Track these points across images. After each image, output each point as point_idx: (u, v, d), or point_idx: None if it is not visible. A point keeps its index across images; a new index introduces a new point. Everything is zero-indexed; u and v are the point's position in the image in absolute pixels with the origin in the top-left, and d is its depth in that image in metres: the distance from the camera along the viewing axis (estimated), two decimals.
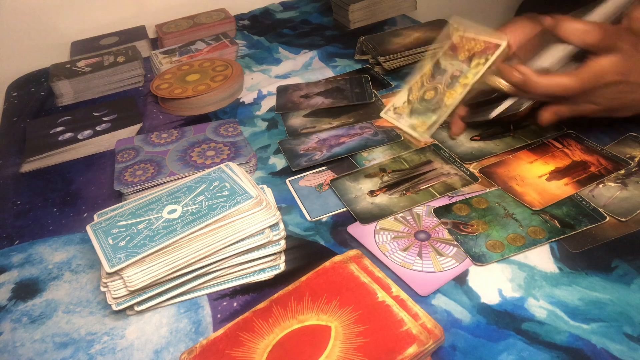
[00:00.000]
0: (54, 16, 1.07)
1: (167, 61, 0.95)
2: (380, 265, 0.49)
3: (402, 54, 0.83)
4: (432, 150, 0.64)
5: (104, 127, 0.78)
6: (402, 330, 0.40)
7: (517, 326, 0.42)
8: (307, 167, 0.64)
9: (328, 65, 0.91)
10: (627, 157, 0.58)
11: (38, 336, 0.47)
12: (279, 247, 0.50)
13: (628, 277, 0.45)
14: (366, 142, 0.67)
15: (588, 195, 0.54)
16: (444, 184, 0.58)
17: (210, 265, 0.47)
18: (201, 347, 0.42)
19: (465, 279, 0.47)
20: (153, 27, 1.13)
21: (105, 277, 0.45)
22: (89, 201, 0.64)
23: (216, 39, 1.03)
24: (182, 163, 0.64)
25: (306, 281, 0.46)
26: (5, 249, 0.58)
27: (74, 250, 0.57)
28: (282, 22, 1.13)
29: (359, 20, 1.06)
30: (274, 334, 0.42)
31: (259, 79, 0.89)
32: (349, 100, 0.77)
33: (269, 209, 0.48)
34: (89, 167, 0.72)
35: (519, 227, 0.51)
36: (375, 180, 0.60)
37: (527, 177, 0.57)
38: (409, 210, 0.55)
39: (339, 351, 0.39)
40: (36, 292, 0.52)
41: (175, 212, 0.49)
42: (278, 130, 0.74)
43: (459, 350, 0.41)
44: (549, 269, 0.47)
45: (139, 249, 0.45)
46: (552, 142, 0.62)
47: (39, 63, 1.06)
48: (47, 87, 0.95)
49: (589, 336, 0.41)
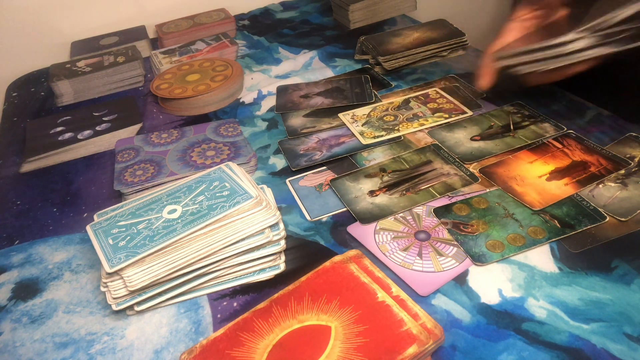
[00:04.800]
0: (54, 16, 1.07)
1: (167, 61, 0.95)
2: (380, 265, 0.49)
3: (402, 54, 0.83)
4: (432, 151, 0.64)
5: (104, 127, 0.78)
6: (402, 330, 0.40)
7: (517, 326, 0.42)
8: (307, 167, 0.64)
9: (328, 65, 0.91)
10: (627, 157, 0.58)
11: (38, 336, 0.47)
12: (279, 247, 0.50)
13: (628, 277, 0.45)
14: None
15: (588, 195, 0.54)
16: (444, 184, 0.58)
17: (210, 265, 0.47)
18: (201, 347, 0.42)
19: (465, 279, 0.47)
20: (153, 27, 1.13)
21: (105, 277, 0.45)
22: (89, 201, 0.64)
23: (216, 39, 1.03)
24: (182, 163, 0.64)
25: (306, 281, 0.46)
26: (5, 249, 0.58)
27: (74, 250, 0.57)
28: (282, 22, 1.13)
29: (359, 20, 1.06)
30: (274, 334, 0.42)
31: (259, 79, 0.89)
32: (349, 100, 0.77)
33: (269, 209, 0.48)
34: (89, 167, 0.72)
35: (519, 227, 0.51)
36: (375, 180, 0.60)
37: (527, 177, 0.57)
38: (409, 210, 0.55)
39: (339, 351, 0.39)
40: (36, 292, 0.52)
41: (175, 212, 0.49)
42: (278, 130, 0.74)
43: (459, 350, 0.41)
44: (549, 269, 0.47)
45: (139, 249, 0.45)
46: (552, 142, 0.62)
47: (39, 63, 1.06)
48: (47, 87, 0.95)
49: (589, 336, 0.41)
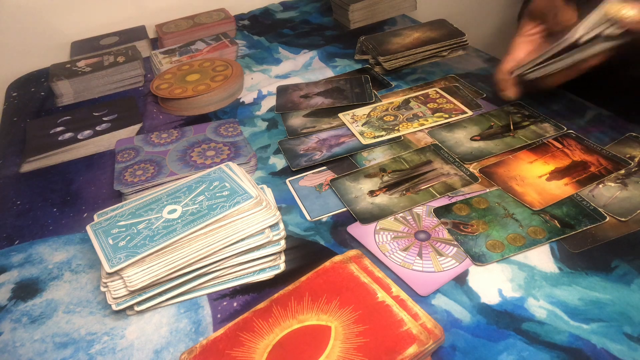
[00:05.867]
0: (54, 16, 1.07)
1: (167, 61, 0.95)
2: (380, 265, 0.49)
3: (402, 54, 0.83)
4: (432, 151, 0.64)
5: (104, 127, 0.78)
6: (402, 330, 0.40)
7: (517, 326, 0.42)
8: (307, 167, 0.64)
9: (328, 65, 0.91)
10: (627, 157, 0.58)
11: (38, 336, 0.47)
12: (279, 247, 0.50)
13: (628, 277, 0.45)
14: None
15: (588, 195, 0.54)
16: (444, 184, 0.58)
17: (210, 265, 0.47)
18: (201, 347, 0.42)
19: (465, 279, 0.47)
20: (153, 27, 1.13)
21: (105, 277, 0.45)
22: (89, 201, 0.64)
23: (216, 39, 1.03)
24: (182, 163, 0.64)
25: (306, 281, 0.46)
26: (5, 249, 0.58)
27: (74, 250, 0.57)
28: (282, 22, 1.13)
29: (359, 20, 1.06)
30: (274, 334, 0.42)
31: (259, 79, 0.89)
32: (349, 100, 0.77)
33: (269, 209, 0.48)
34: (89, 167, 0.72)
35: (519, 227, 0.51)
36: (375, 180, 0.60)
37: (527, 177, 0.57)
38: (409, 210, 0.55)
39: (339, 351, 0.39)
40: (36, 292, 0.52)
41: (175, 212, 0.49)
42: (278, 130, 0.74)
43: (459, 350, 0.41)
44: (549, 269, 0.47)
45: (139, 249, 0.45)
46: (552, 142, 0.62)
47: (39, 63, 1.06)
48: (47, 87, 0.95)
49: (589, 336, 0.41)
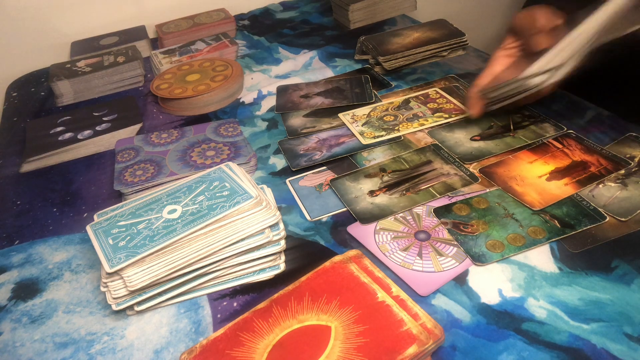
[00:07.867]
0: (54, 16, 1.07)
1: (167, 61, 0.95)
2: (380, 265, 0.49)
3: (402, 54, 0.83)
4: (432, 151, 0.64)
5: (104, 127, 0.78)
6: (402, 330, 0.40)
7: (517, 326, 0.42)
8: (307, 167, 0.64)
9: (328, 65, 0.91)
10: (627, 157, 0.58)
11: (38, 336, 0.47)
12: (279, 247, 0.50)
13: (628, 277, 0.45)
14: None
15: (588, 195, 0.54)
16: (444, 184, 0.58)
17: (210, 265, 0.47)
18: (201, 347, 0.42)
19: (465, 279, 0.47)
20: (153, 27, 1.13)
21: (105, 277, 0.45)
22: (89, 201, 0.64)
23: (216, 39, 1.03)
24: (182, 163, 0.64)
25: (306, 281, 0.46)
26: (5, 249, 0.58)
27: (74, 250, 0.57)
28: (282, 22, 1.13)
29: (359, 20, 1.06)
30: (274, 334, 0.42)
31: (259, 79, 0.89)
32: (348, 100, 0.77)
33: (269, 209, 0.48)
34: (89, 167, 0.72)
35: (519, 227, 0.51)
36: (375, 180, 0.60)
37: (527, 177, 0.57)
38: (409, 210, 0.55)
39: (339, 351, 0.39)
40: (36, 292, 0.52)
41: (175, 212, 0.49)
42: (278, 130, 0.74)
43: (459, 350, 0.41)
44: (549, 269, 0.47)
45: (139, 249, 0.45)
46: (552, 142, 0.62)
47: (39, 63, 1.06)
48: (47, 87, 0.95)
49: (589, 336, 0.41)
